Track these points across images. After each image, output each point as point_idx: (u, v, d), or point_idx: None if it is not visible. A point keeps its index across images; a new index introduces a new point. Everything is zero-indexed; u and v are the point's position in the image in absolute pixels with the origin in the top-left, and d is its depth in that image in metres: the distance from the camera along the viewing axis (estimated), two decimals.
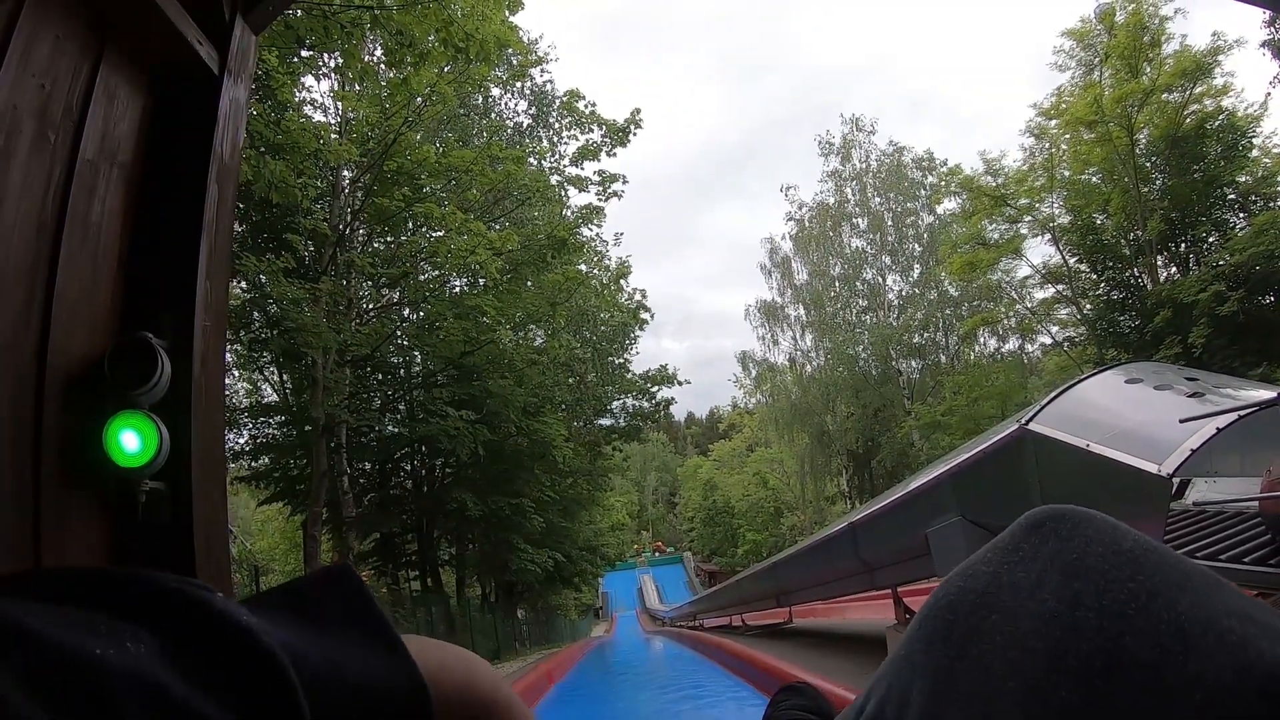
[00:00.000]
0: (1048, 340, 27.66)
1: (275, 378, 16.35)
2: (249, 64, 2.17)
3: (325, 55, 10.33)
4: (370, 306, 14.22)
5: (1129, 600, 0.39)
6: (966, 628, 0.43)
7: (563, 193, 16.73)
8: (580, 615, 49.47)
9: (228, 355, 17.07)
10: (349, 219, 12.74)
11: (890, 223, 37.31)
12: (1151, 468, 3.56)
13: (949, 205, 33.77)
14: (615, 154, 14.65)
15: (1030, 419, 4.32)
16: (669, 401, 22.75)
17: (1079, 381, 4.59)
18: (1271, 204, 19.41)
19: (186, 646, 0.28)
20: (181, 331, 1.74)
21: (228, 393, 17.65)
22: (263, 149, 9.29)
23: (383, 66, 12.26)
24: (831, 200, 39.18)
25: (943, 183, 27.61)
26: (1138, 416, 3.99)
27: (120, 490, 1.59)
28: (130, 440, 1.57)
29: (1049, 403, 4.39)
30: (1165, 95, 19.89)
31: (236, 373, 18.07)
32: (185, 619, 0.29)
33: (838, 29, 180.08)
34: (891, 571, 6.65)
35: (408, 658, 0.38)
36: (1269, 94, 18.11)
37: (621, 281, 20.99)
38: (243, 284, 12.61)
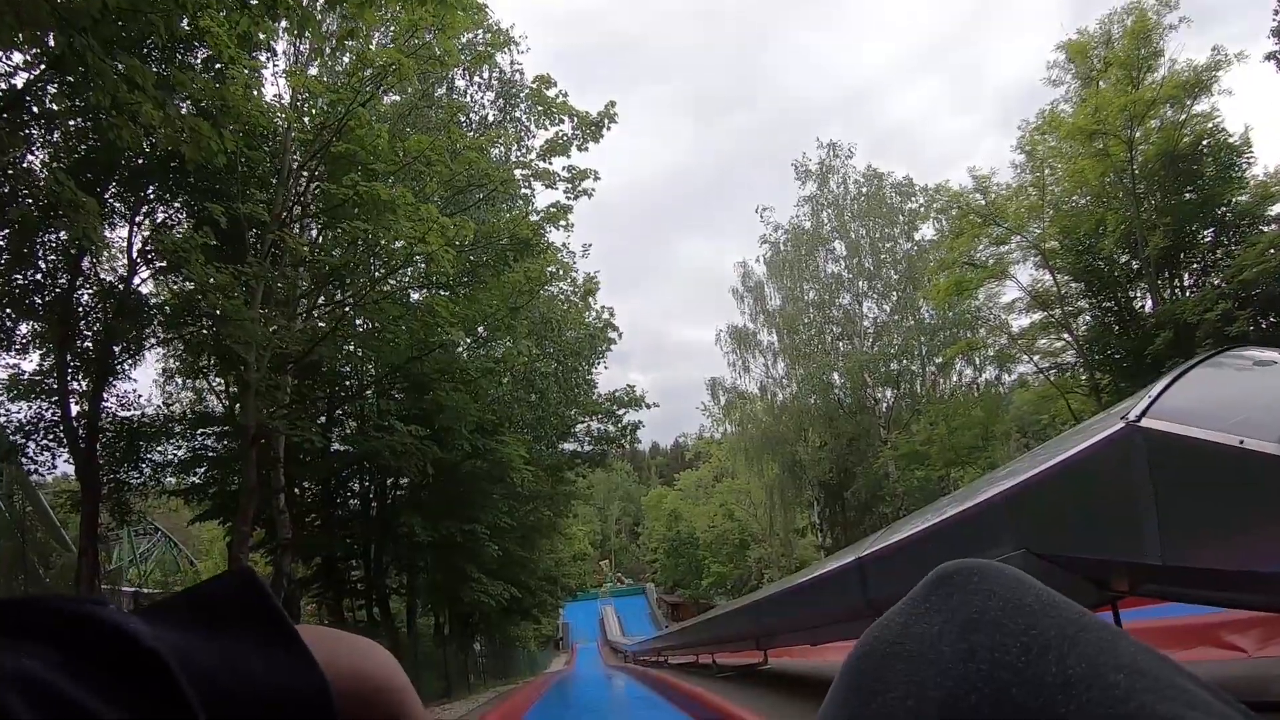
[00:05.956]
0: (1027, 369, 26.99)
1: (214, 385, 15.58)
2: None
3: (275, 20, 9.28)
4: (318, 301, 13.05)
5: (1020, 653, 0.41)
6: (875, 677, 0.45)
7: (528, 188, 15.72)
8: (540, 647, 48.24)
9: (170, 361, 16.14)
10: (292, 206, 11.60)
11: (867, 248, 36.50)
12: None
13: (929, 234, 33.36)
14: (586, 148, 13.69)
15: (1143, 413, 3.17)
16: (636, 425, 21.81)
17: (1193, 366, 3.47)
18: (1269, 225, 19.02)
19: (76, 654, 0.30)
20: None
21: (169, 402, 16.70)
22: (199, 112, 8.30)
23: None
24: (807, 225, 38.39)
25: (931, 200, 26.92)
26: None
27: None
28: None
29: (1163, 392, 3.25)
30: (1165, 109, 19.42)
31: (179, 380, 17.08)
32: (75, 631, 0.31)
33: (805, 71, 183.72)
34: None
35: (306, 652, 0.38)
36: None
37: (589, 299, 20.02)
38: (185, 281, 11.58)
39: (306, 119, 12.04)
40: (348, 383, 16.06)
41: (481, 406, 14.59)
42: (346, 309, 12.07)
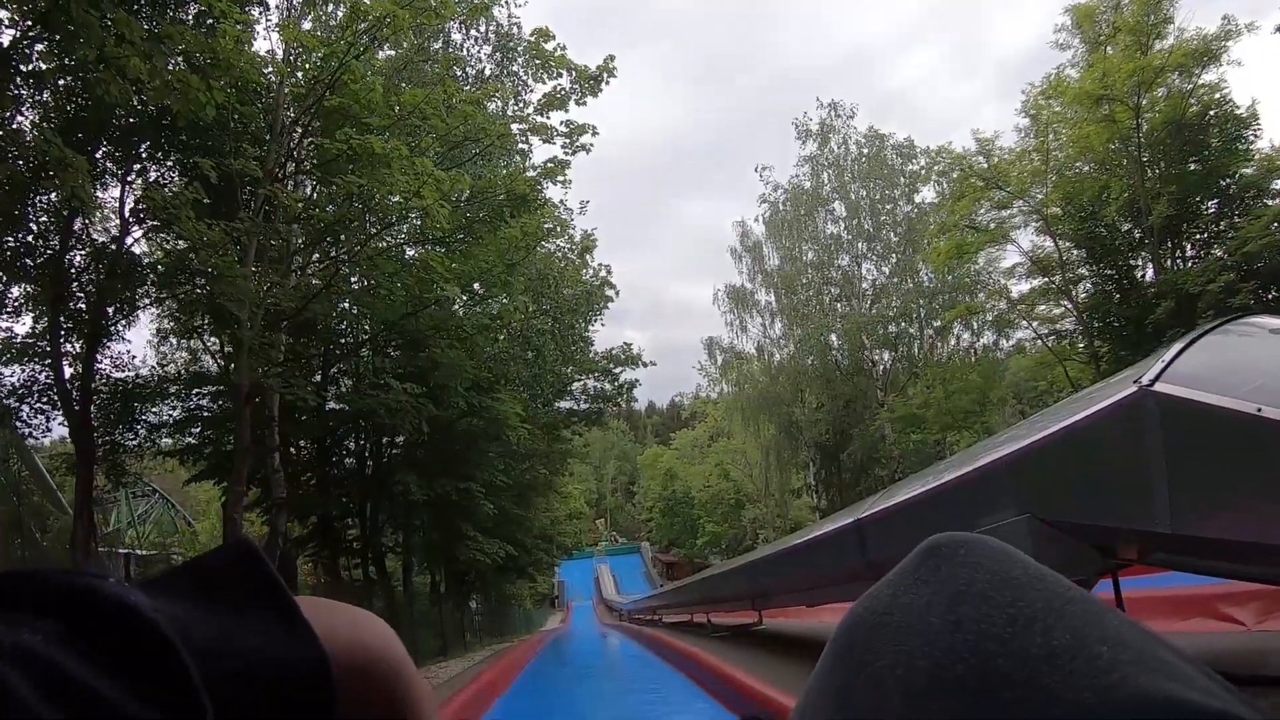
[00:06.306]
0: (1026, 334, 26.93)
1: (209, 345, 15.25)
2: None
3: None
4: (313, 258, 12.92)
5: (1006, 624, 0.41)
6: (864, 647, 0.45)
7: (525, 143, 15.48)
8: (535, 605, 48.64)
9: (164, 321, 16.02)
10: (285, 161, 11.42)
11: (867, 209, 36.21)
12: None
13: (929, 196, 33.10)
14: (585, 103, 13.47)
15: (1156, 377, 3.08)
16: (633, 384, 21.77)
17: (1205, 332, 3.37)
18: (1273, 199, 19.04)
19: (79, 629, 0.30)
20: None
21: (163, 363, 16.62)
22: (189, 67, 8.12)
23: None
24: (806, 185, 38.04)
25: (933, 162, 26.63)
26: None
27: None
28: None
29: (1176, 357, 3.16)
30: (1172, 77, 19.23)
31: (174, 340, 16.99)
32: (77, 604, 0.31)
33: (806, 34, 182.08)
34: None
35: (306, 625, 0.38)
36: None
37: (587, 256, 19.89)
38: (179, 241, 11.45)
39: (300, 74, 11.83)
40: (343, 340, 15.95)
41: (477, 364, 14.50)
42: (341, 266, 11.93)
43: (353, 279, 13.40)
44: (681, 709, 8.98)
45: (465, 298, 14.86)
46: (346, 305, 14.51)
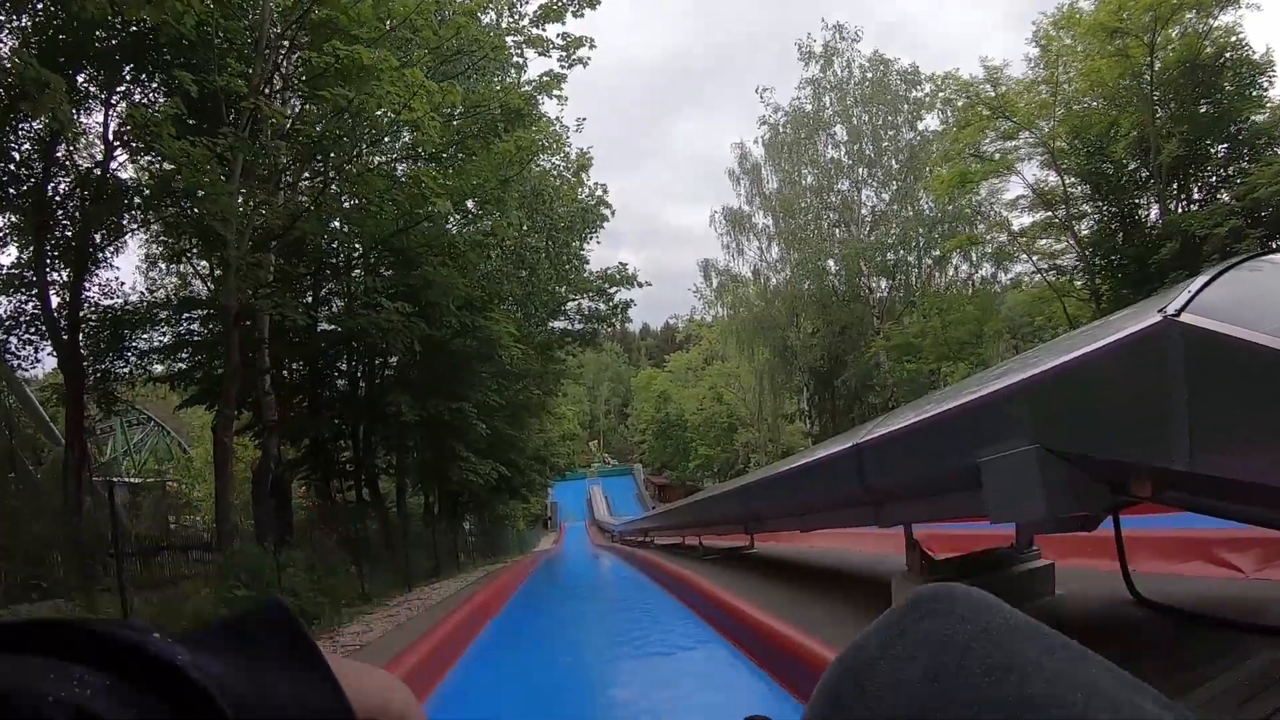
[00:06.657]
0: (1024, 268, 26.82)
1: (198, 268, 15.36)
2: None
3: None
4: (303, 176, 12.62)
5: (984, 674, 0.44)
6: (855, 692, 0.48)
7: (521, 56, 15.08)
8: (528, 526, 49.11)
9: (152, 246, 15.73)
10: (271, 75, 11.07)
11: (869, 135, 35.63)
12: None
13: (933, 124, 32.62)
14: (583, 14, 13.04)
15: (1182, 308, 2.92)
16: (627, 304, 21.68)
17: (1230, 267, 3.19)
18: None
19: (126, 684, 0.31)
20: None
21: (152, 288, 16.38)
22: None
23: None
24: (808, 107, 37.37)
25: (938, 89, 26.14)
26: None
27: None
28: None
29: (1203, 288, 3.00)
30: (1189, 16, 18.95)
31: (162, 265, 16.76)
32: (125, 660, 0.32)
33: None
34: (908, 507, 5.31)
35: (338, 687, 0.40)
36: None
37: (582, 174, 19.57)
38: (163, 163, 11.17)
39: None
40: (334, 260, 15.72)
41: (470, 282, 14.34)
42: (330, 183, 11.65)
43: (343, 197, 13.14)
44: (669, 629, 9.00)
45: (458, 216, 14.63)
46: (337, 224, 14.24)
